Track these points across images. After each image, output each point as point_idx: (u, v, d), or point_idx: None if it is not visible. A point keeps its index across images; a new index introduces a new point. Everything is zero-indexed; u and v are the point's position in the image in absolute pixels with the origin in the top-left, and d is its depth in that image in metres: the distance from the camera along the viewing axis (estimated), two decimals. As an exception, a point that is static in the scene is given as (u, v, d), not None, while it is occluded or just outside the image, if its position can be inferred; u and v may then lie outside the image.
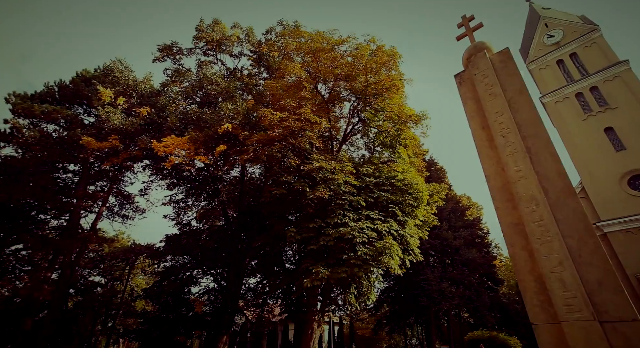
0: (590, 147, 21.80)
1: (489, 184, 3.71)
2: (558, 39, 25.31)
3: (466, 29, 4.63)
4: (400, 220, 14.73)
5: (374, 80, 14.35)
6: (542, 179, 3.31)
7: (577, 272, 2.84)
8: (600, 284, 2.75)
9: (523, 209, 3.27)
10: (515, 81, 3.82)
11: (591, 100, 22.57)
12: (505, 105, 3.71)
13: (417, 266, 26.49)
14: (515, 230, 3.32)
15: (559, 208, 3.13)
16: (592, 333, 2.56)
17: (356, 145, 18.55)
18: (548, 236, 3.04)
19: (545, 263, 2.98)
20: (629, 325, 2.52)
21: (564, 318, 2.72)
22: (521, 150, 3.46)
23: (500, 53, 4.10)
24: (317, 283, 12.41)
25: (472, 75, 4.13)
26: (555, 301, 2.82)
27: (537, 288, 3.02)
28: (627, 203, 20.01)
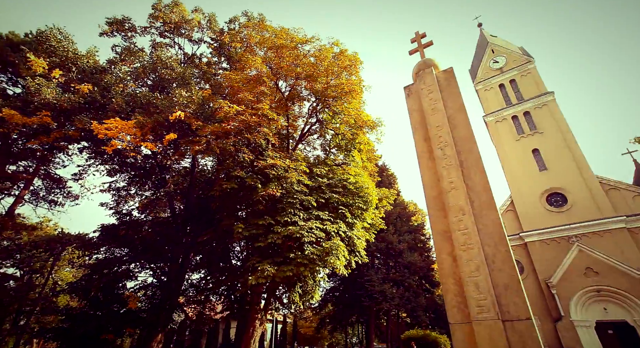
0: (520, 166, 24.31)
1: (425, 193, 4.00)
2: (501, 65, 27.89)
3: (418, 45, 4.94)
4: (349, 222, 15.14)
5: (335, 83, 14.61)
6: (470, 192, 3.65)
7: (490, 277, 3.18)
8: (506, 288, 3.11)
9: (452, 218, 3.58)
10: (456, 99, 4.16)
11: (524, 123, 25.20)
12: (445, 120, 4.03)
13: (362, 267, 27.41)
14: (443, 237, 3.62)
15: (481, 219, 3.47)
16: (494, 331, 2.89)
17: (312, 146, 18.72)
18: (470, 244, 3.36)
19: (465, 269, 3.29)
20: (523, 323, 2.89)
21: (475, 318, 3.03)
22: (455, 164, 3.78)
23: (445, 71, 4.43)
24: (262, 281, 12.30)
25: (419, 89, 4.42)
26: (469, 302, 3.13)
27: (456, 290, 3.33)
28: (545, 217, 22.62)
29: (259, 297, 15.69)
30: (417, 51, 4.97)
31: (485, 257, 3.32)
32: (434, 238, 3.73)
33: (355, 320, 33.88)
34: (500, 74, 27.61)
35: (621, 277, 18.81)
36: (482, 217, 3.51)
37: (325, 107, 15.68)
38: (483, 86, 28.17)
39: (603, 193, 21.13)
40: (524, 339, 2.88)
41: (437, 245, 3.67)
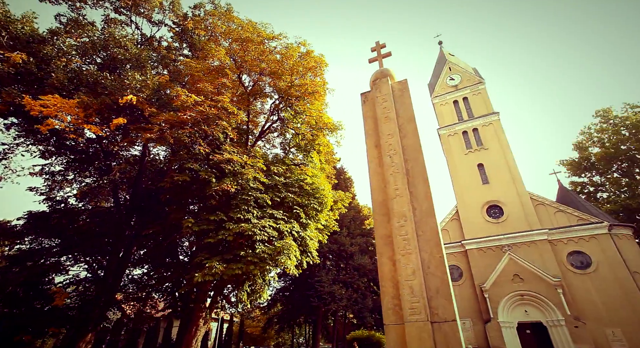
0: (467, 178, 26.15)
1: (372, 198, 4.15)
2: (457, 82, 29.85)
3: (378, 54, 5.12)
4: (303, 223, 15.21)
5: (299, 83, 14.61)
6: (413, 199, 3.86)
7: (424, 281, 3.39)
8: (438, 291, 3.33)
9: (394, 224, 3.75)
10: (408, 110, 4.38)
11: (472, 139, 27.17)
12: (396, 129, 4.22)
13: (313, 268, 27.64)
14: (385, 242, 3.78)
15: (421, 226, 3.69)
16: (423, 332, 3.09)
17: (272, 143, 18.54)
18: (409, 249, 3.55)
19: (403, 273, 3.47)
20: (449, 324, 3.12)
21: (408, 319, 3.21)
22: (402, 172, 3.98)
23: (400, 82, 4.65)
24: (209, 278, 11.91)
25: (375, 96, 4.58)
26: (403, 305, 3.31)
27: (393, 293, 3.49)
28: (484, 226, 24.54)
29: (205, 295, 15.16)
30: (376, 60, 5.16)
31: (422, 262, 3.53)
32: (377, 242, 3.88)
33: (304, 320, 34.06)
34: (455, 91, 29.53)
35: (540, 283, 20.98)
36: (422, 224, 3.73)
37: (288, 106, 15.61)
38: (439, 101, 29.93)
39: (532, 208, 23.43)
40: (448, 339, 3.11)
41: (379, 249, 3.82)
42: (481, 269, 23.24)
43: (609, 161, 29.88)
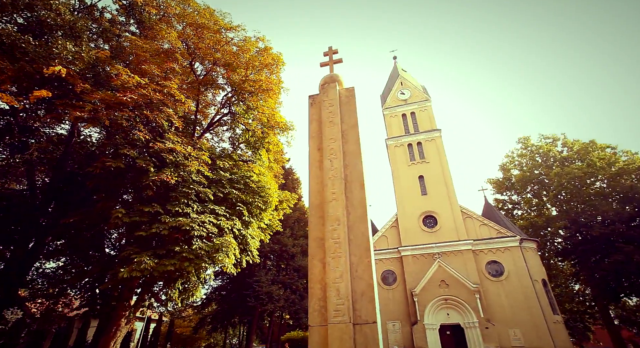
0: (408, 188, 27.78)
1: (309, 200, 4.21)
2: (407, 97, 31.68)
3: (329, 59, 5.24)
4: (246, 220, 14.88)
5: (254, 78, 14.29)
6: (349, 204, 3.99)
7: (351, 284, 3.52)
8: (362, 294, 3.48)
9: (328, 227, 3.84)
10: (352, 116, 4.54)
11: (416, 152, 28.99)
12: (339, 134, 4.34)
13: (253, 267, 27.14)
14: (318, 244, 3.86)
15: (353, 231, 3.83)
16: (345, 333, 3.20)
17: (221, 137, 17.85)
18: (339, 252, 3.66)
19: (331, 275, 3.57)
20: (370, 326, 3.28)
21: (331, 321, 3.30)
22: (340, 176, 4.10)
23: (348, 89, 4.80)
24: (137, 274, 11.03)
25: (322, 100, 4.67)
26: (329, 307, 3.40)
27: (321, 295, 3.57)
28: (420, 235, 26.25)
29: (131, 292, 14.01)
30: (327, 65, 5.26)
31: (350, 266, 3.65)
32: (310, 244, 3.94)
33: (238, 320, 33.18)
34: (404, 105, 31.32)
35: (462, 289, 23.03)
36: (355, 228, 3.86)
37: (241, 100, 15.17)
38: (389, 112, 31.49)
39: (462, 220, 25.67)
40: (368, 340, 3.25)
41: (311, 251, 3.88)
42: (413, 275, 24.80)
43: (525, 183, 34.01)
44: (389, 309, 24.68)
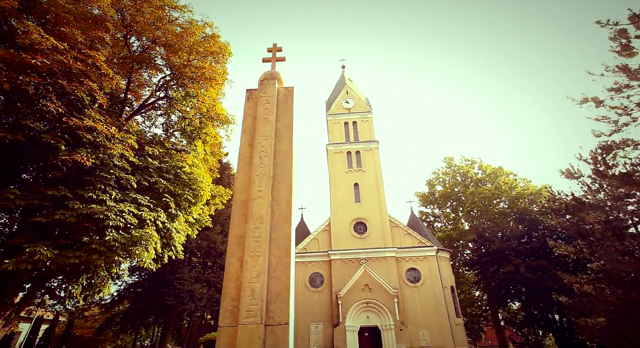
0: (343, 194, 28.73)
1: (235, 196, 4.09)
2: (350, 106, 32.90)
3: (272, 56, 5.19)
4: (172, 213, 13.92)
5: (197, 65, 13.48)
6: (274, 203, 3.96)
7: (267, 284, 3.48)
8: (278, 295, 3.47)
9: (250, 225, 3.77)
10: (288, 116, 4.54)
11: (354, 160, 30.18)
12: (273, 133, 4.31)
13: (176, 263, 25.45)
14: (238, 242, 3.76)
15: (276, 230, 3.81)
16: (255, 334, 3.15)
17: (153, 122, 16.45)
18: (259, 251, 3.60)
19: (248, 274, 3.50)
20: (282, 327, 3.28)
21: (242, 322, 3.22)
22: (268, 174, 4.05)
23: (287, 88, 4.80)
24: (28, 266, 9.51)
25: (259, 96, 4.60)
26: (241, 307, 3.32)
27: (235, 295, 3.47)
28: (349, 240, 27.25)
29: (18, 288, 12.02)
30: (270, 61, 5.20)
31: (269, 266, 3.62)
32: (229, 241, 3.81)
33: (154, 320, 30.68)
34: (348, 114, 32.46)
35: (383, 293, 24.48)
36: (278, 228, 3.85)
37: (180, 85, 14.18)
38: (333, 119, 32.35)
39: (389, 229, 27.35)
40: (278, 341, 3.25)
41: (230, 249, 3.76)
42: (340, 278, 25.62)
43: (446, 199, 37.72)
44: (314, 311, 25.12)
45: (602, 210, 12.87)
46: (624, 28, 11.60)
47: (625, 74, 11.91)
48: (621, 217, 12.65)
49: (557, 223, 18.44)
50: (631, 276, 11.48)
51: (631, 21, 10.12)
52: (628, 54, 12.07)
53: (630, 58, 11.95)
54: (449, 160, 39.69)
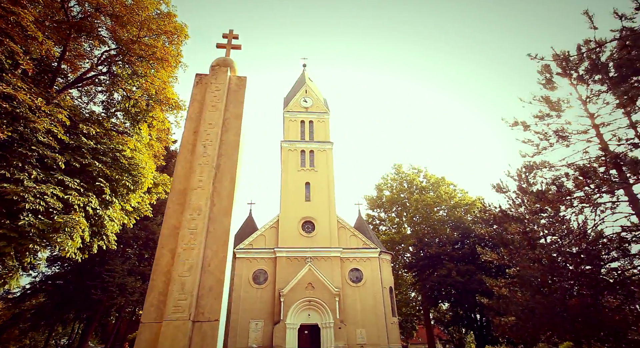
0: (294, 192, 28.71)
1: (173, 185, 3.85)
2: (309, 105, 33.02)
3: (228, 42, 4.98)
4: (106, 199, 12.79)
5: (149, 42, 12.51)
6: (215, 195, 3.80)
7: (200, 278, 3.32)
8: (210, 290, 3.32)
9: (186, 215, 3.57)
10: (238, 106, 4.39)
11: (307, 159, 30.33)
12: (220, 122, 4.13)
13: (108, 254, 23.44)
14: (171, 233, 3.54)
15: (214, 223, 3.65)
16: (180, 331, 2.98)
17: (92, 98, 14.92)
18: (193, 244, 3.43)
19: (179, 267, 3.31)
20: (211, 324, 3.15)
21: (168, 317, 3.03)
22: (211, 164, 3.88)
23: (240, 78, 4.64)
24: None
25: (210, 82, 4.38)
26: (169, 302, 3.12)
27: (162, 289, 3.26)
28: (297, 238, 27.29)
29: None
30: (224, 48, 4.99)
31: (203, 259, 3.46)
32: (162, 232, 3.58)
33: (75, 316, 27.84)
34: (305, 112, 32.54)
35: (326, 292, 24.91)
36: (216, 221, 3.69)
37: (127, 62, 13.04)
38: (289, 116, 32.21)
39: (336, 229, 27.91)
40: (206, 339, 3.11)
41: (162, 240, 3.52)
42: (285, 276, 25.54)
43: (392, 204, 39.57)
44: (256, 308, 24.74)
45: (522, 222, 14.44)
46: (548, 64, 13.18)
47: (547, 105, 13.52)
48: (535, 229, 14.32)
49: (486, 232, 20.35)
50: (538, 280, 13.04)
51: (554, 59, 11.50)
52: (550, 87, 13.73)
53: (552, 91, 13.61)
54: (398, 167, 41.69)
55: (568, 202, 12.02)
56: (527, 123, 14.18)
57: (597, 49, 11.22)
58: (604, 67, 11.50)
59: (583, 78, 12.88)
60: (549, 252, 13.28)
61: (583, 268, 12.39)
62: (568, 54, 11.79)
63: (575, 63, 12.67)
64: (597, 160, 12.41)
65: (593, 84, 12.77)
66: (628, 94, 10.06)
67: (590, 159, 12.71)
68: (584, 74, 12.72)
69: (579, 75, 12.97)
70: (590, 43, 10.87)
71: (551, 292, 12.58)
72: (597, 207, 12.35)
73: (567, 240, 13.46)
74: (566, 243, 13.42)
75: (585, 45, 11.29)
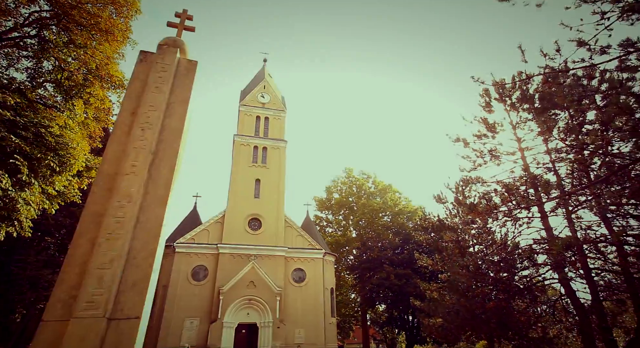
0: (243, 188, 28.00)
1: (101, 167, 3.48)
2: (266, 101, 32.52)
3: (180, 22, 4.66)
4: (23, 180, 11.30)
5: (91, 10, 11.31)
6: (150, 183, 3.51)
7: (123, 272, 3.03)
8: (134, 285, 3.05)
9: (114, 202, 3.25)
10: (185, 92, 4.12)
11: (260, 155, 29.81)
12: (164, 105, 3.84)
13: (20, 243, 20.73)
14: (93, 220, 3.19)
15: (146, 213, 3.37)
16: (91, 331, 2.68)
17: (13, 63, 13.06)
18: (119, 234, 3.12)
19: (99, 259, 2.98)
20: (130, 322, 2.88)
21: (78, 314, 2.71)
22: (149, 149, 3.59)
23: (190, 62, 4.37)
24: None
25: (156, 61, 4.06)
26: (81, 297, 2.80)
27: (75, 282, 2.91)
28: (242, 235, 26.62)
29: None
30: (176, 27, 4.66)
31: (129, 251, 3.16)
32: (82, 219, 3.20)
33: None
34: (262, 108, 31.97)
35: (267, 291, 24.62)
36: (149, 211, 3.41)
37: (63, 29, 11.63)
38: (245, 110, 31.41)
39: (283, 228, 27.75)
40: (123, 338, 2.83)
41: (81, 228, 3.15)
42: (226, 273, 24.70)
43: (340, 207, 40.50)
44: (192, 305, 23.56)
45: (455, 231, 15.68)
46: (487, 88, 14.61)
47: (485, 126, 14.93)
48: (466, 238, 15.66)
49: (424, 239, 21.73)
50: (464, 285, 14.26)
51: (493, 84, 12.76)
52: (488, 111, 15.19)
53: (490, 114, 15.09)
54: (349, 171, 42.80)
55: (494, 215, 13.32)
56: (467, 140, 15.45)
57: (526, 81, 12.65)
58: (531, 97, 13.00)
59: (515, 105, 14.42)
60: (475, 259, 14.60)
61: (501, 275, 13.84)
62: (504, 82, 13.12)
63: (509, 91, 14.16)
64: (520, 180, 13.97)
65: (522, 111, 14.37)
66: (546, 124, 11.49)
67: (514, 178, 14.27)
68: (515, 102, 14.26)
69: (512, 103, 14.50)
70: (522, 74, 12.21)
71: (474, 296, 13.82)
72: (517, 221, 13.91)
73: (490, 250, 14.93)
74: (490, 252, 14.88)
75: (519, 76, 12.65)
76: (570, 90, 10.33)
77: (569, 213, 13.09)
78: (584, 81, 10.58)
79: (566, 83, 10.53)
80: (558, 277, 12.97)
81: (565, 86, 10.42)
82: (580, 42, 7.98)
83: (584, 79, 10.51)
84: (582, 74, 10.33)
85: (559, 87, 10.18)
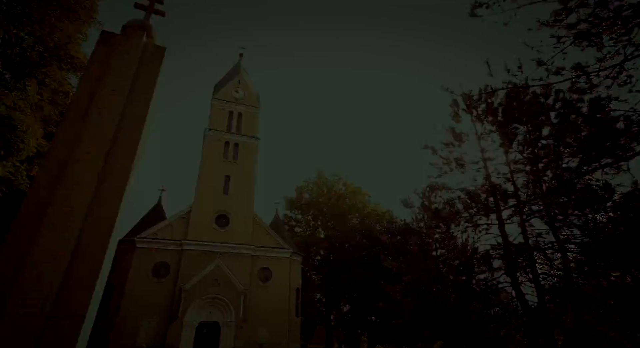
0: (212, 184, 27.25)
1: (50, 152, 3.17)
2: (240, 97, 31.90)
3: (149, 3, 4.40)
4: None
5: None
6: (106, 171, 3.28)
7: (68, 266, 2.80)
8: (80, 281, 2.82)
9: (63, 190, 2.99)
10: (151, 78, 3.90)
11: (231, 151, 29.18)
12: (126, 91, 3.60)
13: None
14: (37, 209, 2.91)
15: (100, 204, 3.13)
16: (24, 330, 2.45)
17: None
18: (65, 225, 2.88)
19: (40, 252, 2.74)
20: (71, 320, 2.67)
21: (9, 313, 2.46)
22: (106, 136, 3.35)
23: (158, 47, 4.15)
24: None
25: (119, 43, 3.81)
26: (15, 294, 2.55)
27: (9, 277, 2.64)
28: (209, 232, 25.88)
29: None
30: (144, 9, 4.42)
31: (76, 244, 2.92)
32: (23, 207, 2.91)
33: None
34: (235, 103, 31.30)
35: (232, 290, 24.10)
36: (103, 201, 3.18)
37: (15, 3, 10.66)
38: (218, 104, 30.60)
39: (251, 226, 27.30)
40: (61, 338, 2.60)
41: (20, 217, 2.87)
42: (190, 271, 23.88)
43: (309, 207, 40.56)
44: (151, 304, 22.51)
45: (420, 235, 16.21)
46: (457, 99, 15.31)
47: (453, 135, 15.61)
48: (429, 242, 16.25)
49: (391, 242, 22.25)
50: (425, 288, 14.79)
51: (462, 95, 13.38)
52: (457, 120, 15.89)
53: (458, 123, 15.81)
54: (320, 172, 42.95)
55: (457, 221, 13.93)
56: (435, 148, 16.04)
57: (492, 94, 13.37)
58: (495, 110, 13.76)
59: (480, 117, 15.18)
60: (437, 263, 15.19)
61: (460, 278, 14.48)
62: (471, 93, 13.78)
63: (476, 102, 14.89)
64: (481, 188, 14.71)
65: (487, 123, 15.16)
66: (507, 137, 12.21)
67: (477, 186, 14.99)
68: (481, 114, 15.02)
69: (478, 114, 15.25)
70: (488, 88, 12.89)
71: (434, 298, 14.35)
72: (477, 227, 14.63)
73: (452, 254, 15.58)
74: (451, 256, 15.52)
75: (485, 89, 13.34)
76: (529, 106, 11.03)
77: (522, 221, 13.98)
78: (541, 99, 11.35)
79: (526, 99, 11.23)
80: (510, 280, 13.79)
81: (525, 102, 11.12)
82: (539, 61, 8.55)
83: (541, 96, 11.27)
84: (540, 91, 11.07)
85: (519, 102, 10.83)
